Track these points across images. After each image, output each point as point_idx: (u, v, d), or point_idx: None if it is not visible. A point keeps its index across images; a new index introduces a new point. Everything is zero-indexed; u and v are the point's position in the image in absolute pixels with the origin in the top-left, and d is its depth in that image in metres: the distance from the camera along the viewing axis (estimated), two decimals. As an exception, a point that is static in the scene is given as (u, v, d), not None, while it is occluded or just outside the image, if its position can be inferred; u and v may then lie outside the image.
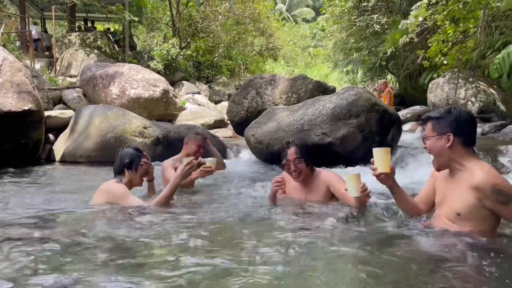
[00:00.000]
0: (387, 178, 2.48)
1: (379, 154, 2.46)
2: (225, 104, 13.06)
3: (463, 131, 2.29)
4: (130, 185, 3.24)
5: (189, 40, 18.51)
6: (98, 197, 3.17)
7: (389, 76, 21.50)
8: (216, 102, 16.03)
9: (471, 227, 2.25)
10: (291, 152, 3.17)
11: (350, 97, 5.82)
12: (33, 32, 14.88)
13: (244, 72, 21.64)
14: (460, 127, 2.29)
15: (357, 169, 5.14)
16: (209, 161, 3.73)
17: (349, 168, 5.25)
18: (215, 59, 20.26)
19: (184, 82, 16.42)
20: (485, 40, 9.70)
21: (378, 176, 2.47)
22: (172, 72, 16.18)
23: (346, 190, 2.68)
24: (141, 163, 3.26)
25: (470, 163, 2.27)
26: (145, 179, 3.43)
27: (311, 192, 3.21)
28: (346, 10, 17.85)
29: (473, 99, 10.21)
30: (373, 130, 5.64)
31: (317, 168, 3.30)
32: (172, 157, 4.30)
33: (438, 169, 2.42)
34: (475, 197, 2.20)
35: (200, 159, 3.71)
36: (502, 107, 9.98)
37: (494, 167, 4.83)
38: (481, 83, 10.62)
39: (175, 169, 3.66)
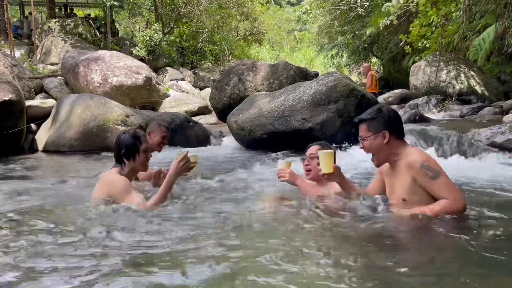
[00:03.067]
0: (332, 177, 2.71)
1: (323, 157, 2.67)
2: (209, 90, 13.04)
3: (394, 126, 2.53)
4: (133, 173, 3.12)
5: (172, 25, 18.32)
6: (99, 189, 3.04)
7: (374, 59, 21.62)
8: (201, 88, 15.97)
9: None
10: (312, 149, 3.14)
11: (329, 83, 5.90)
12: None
13: (229, 58, 21.52)
14: (392, 124, 2.52)
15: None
16: (192, 157, 3.68)
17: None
18: (199, 44, 20.11)
19: (168, 68, 16.30)
20: (466, 23, 9.81)
21: (323, 176, 2.71)
22: (155, 58, 16.04)
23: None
24: (140, 150, 3.05)
25: (405, 151, 2.51)
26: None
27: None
28: (329, -6, 17.83)
29: (453, 81, 10.37)
30: (352, 115, 5.73)
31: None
32: None
33: (378, 165, 2.64)
34: (410, 177, 2.43)
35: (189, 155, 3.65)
36: (482, 90, 10.16)
37: (466, 147, 4.98)
38: (462, 66, 10.78)
39: None
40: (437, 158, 5.16)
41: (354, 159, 4.90)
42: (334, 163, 2.74)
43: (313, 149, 3.11)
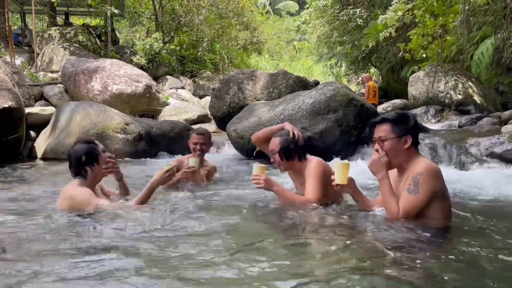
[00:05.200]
0: (345, 188, 2.69)
1: (338, 167, 2.65)
2: (209, 98, 13.07)
3: (416, 133, 2.53)
4: (95, 180, 3.06)
5: (172, 34, 18.41)
6: (60, 203, 2.98)
7: (372, 70, 21.73)
8: (201, 97, 16.00)
9: (426, 220, 2.45)
10: (271, 144, 3.22)
11: (329, 92, 5.92)
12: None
13: (228, 67, 21.61)
14: (415, 130, 2.52)
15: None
16: (192, 161, 3.77)
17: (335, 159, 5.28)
18: (199, 53, 20.19)
19: (168, 76, 16.35)
20: (464, 34, 9.88)
21: (336, 186, 2.66)
22: (155, 66, 16.09)
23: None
24: (100, 151, 3.03)
25: (417, 159, 2.50)
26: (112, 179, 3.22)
27: (300, 184, 3.23)
28: (329, 4, 17.95)
29: (452, 92, 10.42)
30: (351, 124, 5.76)
31: (312, 158, 3.21)
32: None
33: (390, 169, 2.58)
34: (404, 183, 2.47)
35: (190, 160, 3.78)
36: (480, 100, 10.20)
37: (464, 158, 4.97)
38: (460, 76, 10.82)
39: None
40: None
41: (353, 172, 4.89)
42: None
43: (274, 142, 3.18)
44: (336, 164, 2.68)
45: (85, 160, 2.96)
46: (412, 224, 2.45)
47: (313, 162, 3.15)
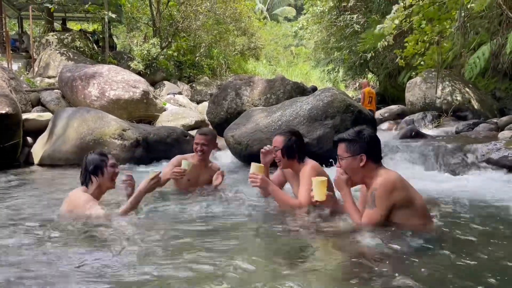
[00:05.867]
0: (325, 204, 2.78)
1: (316, 184, 2.71)
2: (206, 104, 13.07)
3: (372, 150, 2.59)
4: (100, 190, 3.23)
5: (170, 39, 18.43)
6: (64, 206, 3.16)
7: (370, 75, 21.80)
8: (198, 102, 15.99)
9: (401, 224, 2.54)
10: (275, 140, 3.33)
11: (326, 99, 5.93)
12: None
13: (226, 72, 21.64)
14: (370, 148, 2.58)
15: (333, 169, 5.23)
16: (185, 163, 3.73)
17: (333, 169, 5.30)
18: (197, 58, 20.22)
19: (166, 82, 16.34)
20: (461, 40, 9.93)
21: (315, 202, 2.76)
22: (153, 72, 16.09)
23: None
24: (108, 165, 3.20)
25: (377, 174, 2.57)
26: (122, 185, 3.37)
27: (297, 185, 3.26)
28: (326, 10, 18.03)
29: (449, 97, 10.45)
30: (349, 130, 5.75)
31: (309, 161, 3.26)
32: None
33: (352, 185, 2.70)
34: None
35: (183, 162, 3.75)
36: (477, 106, 10.24)
37: (460, 164, 4.98)
38: (457, 82, 10.87)
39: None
40: (431, 173, 5.20)
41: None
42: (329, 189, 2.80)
43: (277, 140, 3.29)
44: (313, 180, 2.74)
45: (91, 170, 3.15)
46: (391, 228, 2.51)
47: (308, 166, 3.20)
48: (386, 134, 8.89)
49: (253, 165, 3.11)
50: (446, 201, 3.74)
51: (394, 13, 8.54)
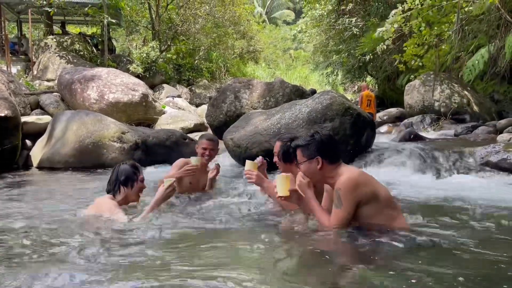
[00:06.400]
0: (288, 200, 2.75)
1: (279, 180, 2.71)
2: (206, 107, 13.08)
3: (327, 152, 2.63)
4: (125, 201, 3.27)
5: (169, 43, 18.47)
6: (89, 210, 3.21)
7: (368, 78, 21.83)
8: (197, 105, 16.00)
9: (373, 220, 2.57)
10: (275, 145, 3.45)
11: (325, 101, 5.93)
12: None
13: (225, 75, 21.68)
14: (325, 149, 2.63)
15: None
16: (194, 160, 3.84)
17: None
18: (196, 62, 20.25)
19: (165, 85, 16.37)
20: (459, 43, 9.96)
21: (279, 198, 2.76)
22: (152, 75, 16.11)
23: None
24: (138, 179, 3.28)
25: (338, 173, 2.61)
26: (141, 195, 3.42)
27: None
28: (325, 14, 18.08)
29: (447, 100, 10.47)
30: (347, 133, 5.76)
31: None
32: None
33: (314, 186, 2.73)
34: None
35: (192, 159, 3.87)
36: (476, 109, 10.26)
37: (458, 167, 4.99)
38: (456, 85, 10.89)
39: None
40: (429, 176, 5.20)
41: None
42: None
43: (276, 145, 3.44)
44: (277, 177, 2.75)
45: (122, 181, 3.22)
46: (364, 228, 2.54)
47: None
48: (385, 137, 8.89)
49: (248, 162, 3.21)
50: (445, 204, 3.74)
51: (392, 16, 8.57)
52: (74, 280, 1.93)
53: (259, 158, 3.64)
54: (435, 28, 9.59)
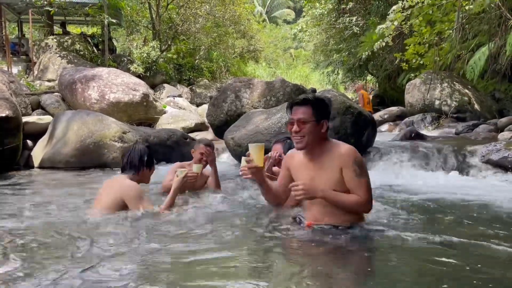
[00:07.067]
0: (259, 171, 2.68)
1: (255, 150, 2.64)
2: (206, 106, 13.08)
3: (330, 118, 2.61)
4: (141, 181, 3.40)
5: (169, 42, 18.47)
6: (109, 193, 3.26)
7: (369, 77, 21.82)
8: (198, 105, 16.00)
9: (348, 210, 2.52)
10: (275, 148, 3.48)
11: (326, 100, 5.93)
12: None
13: (225, 75, 21.68)
14: (330, 115, 2.62)
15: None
16: (196, 167, 3.89)
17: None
18: (196, 61, 20.25)
19: (165, 85, 16.37)
20: (459, 42, 9.94)
21: (251, 168, 2.64)
22: (152, 75, 16.12)
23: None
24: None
25: (332, 141, 2.60)
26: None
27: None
28: (325, 13, 18.06)
29: (448, 99, 10.46)
30: (348, 132, 5.76)
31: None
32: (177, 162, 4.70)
33: (304, 147, 2.58)
34: (338, 168, 2.47)
35: (194, 166, 3.91)
36: (476, 107, 10.24)
37: (459, 166, 4.99)
38: (456, 83, 10.88)
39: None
40: (431, 174, 5.20)
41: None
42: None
43: (275, 147, 3.56)
44: (251, 146, 2.66)
45: (146, 161, 3.36)
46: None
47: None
48: (386, 135, 8.89)
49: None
50: (446, 202, 3.74)
51: (391, 12, 8.56)
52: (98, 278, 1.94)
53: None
54: (437, 26, 9.58)
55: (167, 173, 4.33)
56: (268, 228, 2.84)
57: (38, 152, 7.49)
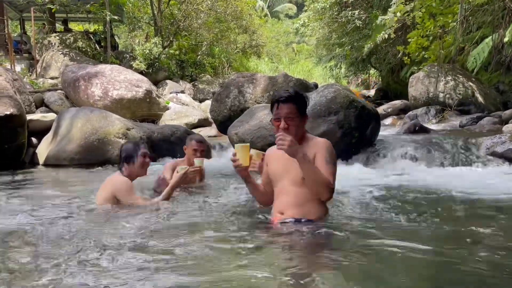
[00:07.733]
0: (245, 169, 2.72)
1: (242, 150, 2.68)
2: (209, 102, 13.08)
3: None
4: (132, 176, 3.51)
5: (171, 38, 18.44)
6: (104, 188, 3.46)
7: (372, 71, 21.75)
8: (201, 101, 16.02)
9: (314, 188, 2.54)
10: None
11: (329, 94, 5.93)
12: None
13: (228, 70, 21.63)
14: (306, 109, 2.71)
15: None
16: (197, 161, 3.96)
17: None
18: (199, 57, 20.22)
19: (168, 81, 16.37)
20: (463, 34, 9.89)
21: (237, 167, 2.69)
22: (155, 71, 16.11)
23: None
24: (138, 154, 3.51)
25: (312, 136, 2.73)
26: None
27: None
28: (327, 6, 17.98)
29: (452, 92, 10.42)
30: (352, 126, 5.75)
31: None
32: (175, 159, 4.83)
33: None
34: (313, 154, 2.55)
35: (196, 161, 3.98)
36: (480, 100, 10.19)
37: (463, 158, 4.98)
38: (460, 76, 10.82)
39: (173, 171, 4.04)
40: (435, 168, 5.20)
41: (353, 175, 4.90)
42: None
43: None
44: (237, 147, 2.71)
45: (124, 158, 3.50)
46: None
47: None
48: (390, 129, 8.87)
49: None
50: (451, 195, 3.74)
51: (394, 3, 8.53)
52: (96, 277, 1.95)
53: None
54: (439, 19, 9.54)
55: (163, 171, 4.36)
56: (234, 227, 2.87)
57: (43, 149, 7.52)
